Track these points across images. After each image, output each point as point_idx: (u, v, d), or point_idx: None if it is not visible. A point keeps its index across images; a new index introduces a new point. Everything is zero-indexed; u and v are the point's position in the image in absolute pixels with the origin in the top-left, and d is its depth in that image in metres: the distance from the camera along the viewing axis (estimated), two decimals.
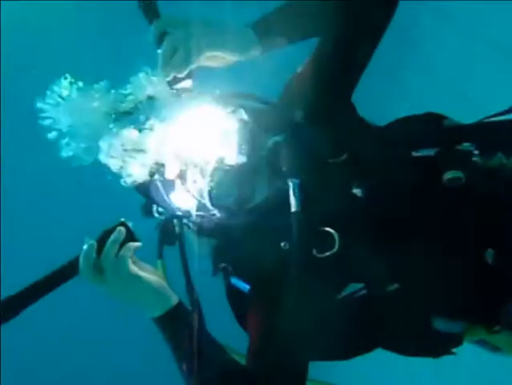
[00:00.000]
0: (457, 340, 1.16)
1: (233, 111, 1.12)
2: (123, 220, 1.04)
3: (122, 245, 1.01)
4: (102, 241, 1.01)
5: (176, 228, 1.23)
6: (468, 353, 1.21)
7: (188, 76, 1.12)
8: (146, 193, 1.16)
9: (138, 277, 1.02)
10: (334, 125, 1.15)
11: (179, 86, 1.13)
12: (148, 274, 1.04)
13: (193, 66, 1.10)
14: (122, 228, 1.02)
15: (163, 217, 1.21)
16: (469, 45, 3.37)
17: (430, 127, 1.22)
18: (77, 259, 1.01)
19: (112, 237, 1.01)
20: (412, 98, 4.05)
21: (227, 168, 1.08)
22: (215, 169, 1.08)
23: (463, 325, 1.15)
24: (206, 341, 1.07)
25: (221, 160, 1.08)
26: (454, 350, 1.20)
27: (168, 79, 1.11)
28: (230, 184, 1.08)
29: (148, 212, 1.20)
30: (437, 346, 1.17)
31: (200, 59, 1.10)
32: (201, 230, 1.20)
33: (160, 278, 1.07)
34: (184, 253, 1.23)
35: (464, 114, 1.34)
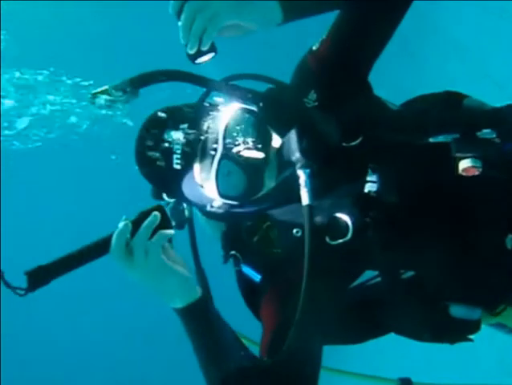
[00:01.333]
0: (474, 327, 1.13)
1: (242, 99, 1.09)
2: (160, 204, 1.02)
3: (156, 230, 0.99)
4: (137, 223, 0.99)
5: (186, 212, 1.21)
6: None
7: (211, 49, 1.07)
8: (154, 181, 1.14)
9: (166, 266, 1.00)
10: (349, 106, 1.11)
11: (201, 60, 1.08)
12: (176, 265, 1.03)
13: (214, 36, 1.05)
14: (157, 214, 1.00)
15: (172, 200, 1.19)
16: (489, 20, 3.28)
17: (449, 110, 1.17)
18: (110, 237, 0.99)
19: (147, 220, 0.99)
20: (431, 74, 3.97)
21: (236, 157, 1.05)
22: (223, 159, 1.05)
23: (480, 311, 1.12)
24: (225, 333, 1.06)
25: (230, 150, 1.05)
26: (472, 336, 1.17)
27: (191, 52, 1.06)
28: (239, 174, 1.05)
29: (157, 195, 1.18)
30: (454, 333, 1.14)
31: (219, 28, 1.05)
32: (210, 215, 1.17)
33: (186, 270, 1.05)
34: (194, 237, 1.21)
35: (484, 91, 1.29)
